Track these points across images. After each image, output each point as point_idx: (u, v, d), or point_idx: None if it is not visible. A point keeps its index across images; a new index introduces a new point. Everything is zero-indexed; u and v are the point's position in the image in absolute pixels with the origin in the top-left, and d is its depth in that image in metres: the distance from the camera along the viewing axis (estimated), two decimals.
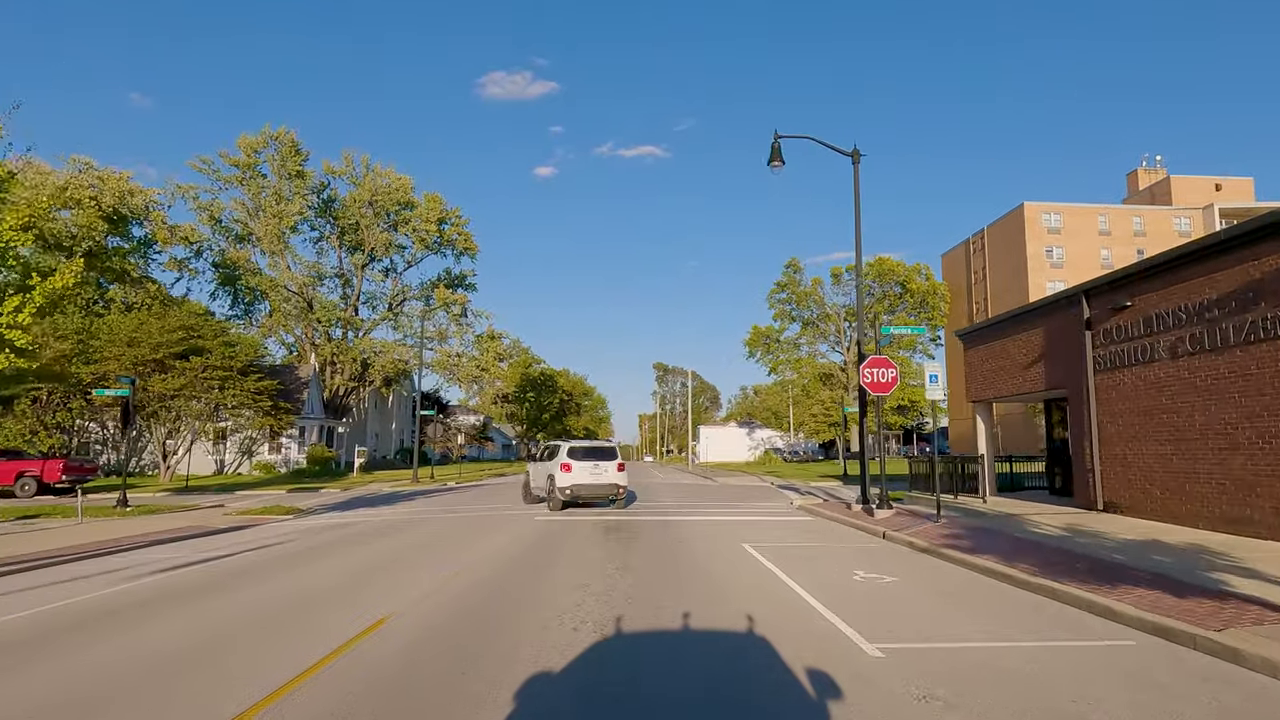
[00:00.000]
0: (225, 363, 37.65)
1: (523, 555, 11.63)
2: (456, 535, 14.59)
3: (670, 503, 22.20)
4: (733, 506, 20.96)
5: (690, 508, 20.38)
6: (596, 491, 18.60)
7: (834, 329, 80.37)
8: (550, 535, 14.27)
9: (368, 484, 34.49)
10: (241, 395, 37.58)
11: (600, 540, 13.30)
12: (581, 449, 18.95)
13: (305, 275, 56.43)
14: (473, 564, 10.84)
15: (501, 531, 15.00)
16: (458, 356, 63.05)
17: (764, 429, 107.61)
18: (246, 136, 53.93)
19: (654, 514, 18.44)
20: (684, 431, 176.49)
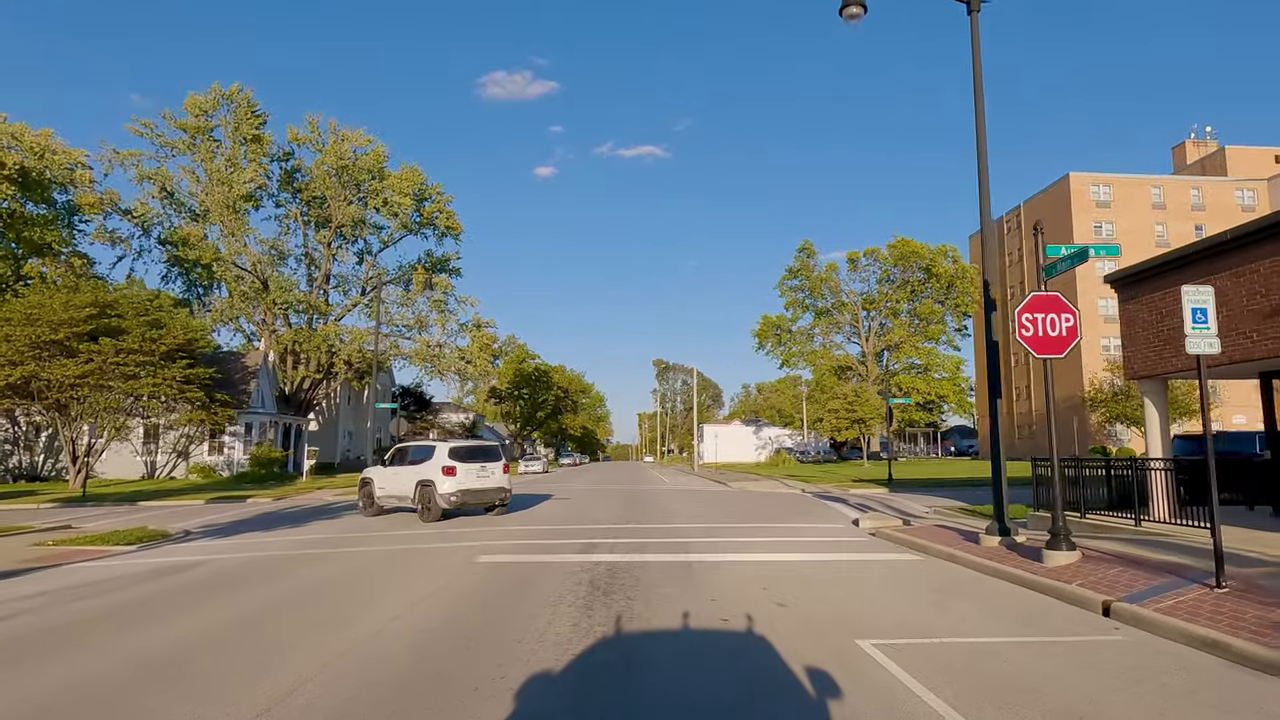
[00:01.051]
0: (145, 345, 31.40)
1: (421, 665, 5.40)
2: (342, 590, 8.39)
3: (684, 521, 16.06)
4: (774, 528, 14.79)
5: (715, 531, 14.19)
6: (484, 497, 16.95)
7: (850, 318, 74.24)
8: (495, 598, 8.06)
9: (312, 491, 28.32)
10: (163, 384, 31.33)
11: (582, 611, 7.14)
12: (466, 449, 17.27)
13: (263, 253, 50.19)
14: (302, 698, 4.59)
15: (417, 583, 8.81)
16: (439, 346, 56.82)
17: (771, 427, 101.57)
18: (195, 96, 47.66)
19: (664, 543, 12.26)
20: (685, 430, 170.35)
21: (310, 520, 17.23)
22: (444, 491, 16.13)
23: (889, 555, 11.14)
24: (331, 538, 13.86)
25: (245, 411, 38.51)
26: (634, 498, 23.91)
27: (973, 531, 12.83)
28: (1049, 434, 9.85)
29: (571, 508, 19.63)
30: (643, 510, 18.75)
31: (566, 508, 19.70)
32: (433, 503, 16.26)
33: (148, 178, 47.52)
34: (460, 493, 16.26)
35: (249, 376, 40.04)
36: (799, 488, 29.10)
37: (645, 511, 18.44)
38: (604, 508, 19.59)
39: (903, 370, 69.43)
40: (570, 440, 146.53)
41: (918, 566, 10.08)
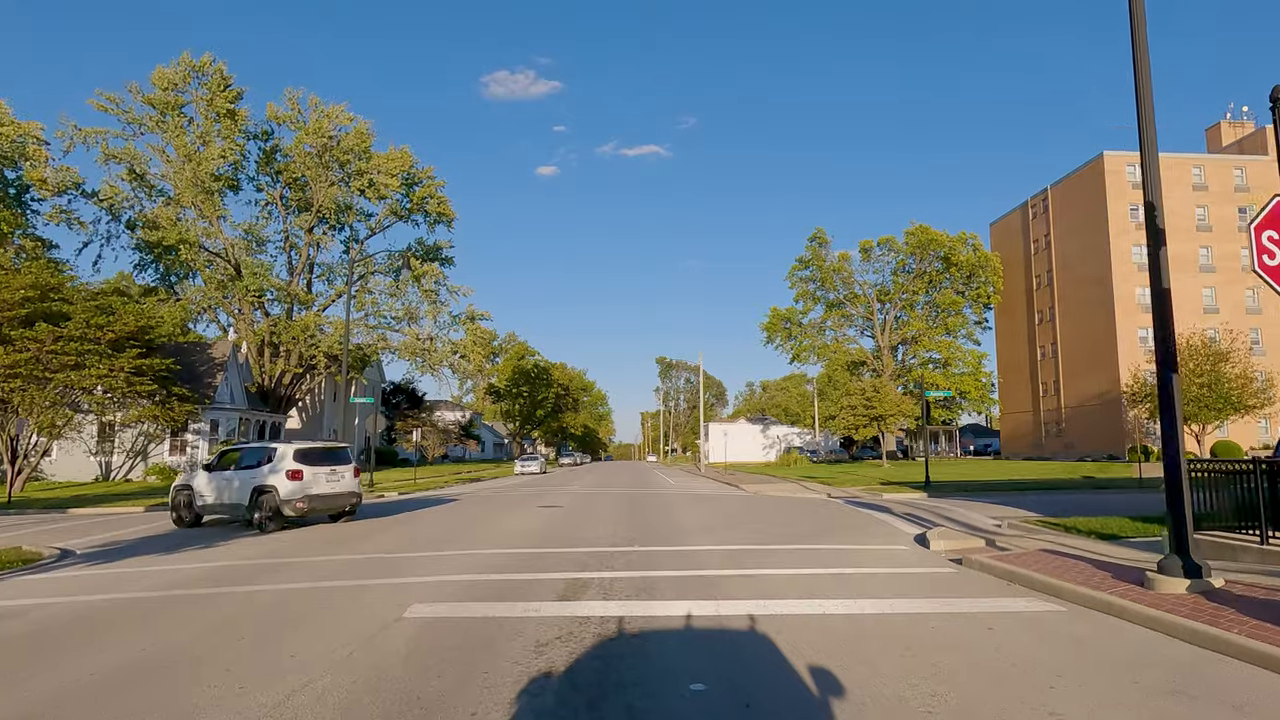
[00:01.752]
0: (90, 333, 28.01)
1: None
2: (170, 678, 4.86)
3: (701, 540, 12.59)
4: (820, 552, 11.30)
5: (744, 557, 10.70)
6: (334, 503, 15.58)
7: (863, 311, 70.66)
8: (408, 698, 4.53)
9: None
10: (110, 376, 27.91)
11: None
12: (315, 450, 15.76)
13: (239, 238, 46.77)
14: None
15: (301, 657, 5.30)
16: (429, 340, 53.39)
17: (779, 425, 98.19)
18: (164, 70, 44.24)
19: (680, 580, 8.78)
20: (689, 429, 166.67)
21: (232, 538, 13.76)
22: (289, 496, 14.41)
23: (1007, 602, 7.63)
24: (238, 565, 10.38)
25: (211, 407, 35.10)
26: (637, 505, 20.44)
27: (1104, 560, 9.33)
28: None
29: (563, 519, 16.16)
30: (647, 523, 15.25)
31: (557, 519, 16.23)
32: (273, 511, 14.45)
33: (114, 158, 44.12)
34: (307, 498, 14.64)
35: (216, 369, 36.63)
36: (823, 491, 25.61)
37: (650, 525, 14.94)
38: (601, 519, 16.12)
39: (920, 365, 65.92)
40: (571, 439, 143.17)
41: (1072, 627, 6.56)
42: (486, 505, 20.58)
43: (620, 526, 14.50)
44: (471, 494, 26.88)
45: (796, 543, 12.29)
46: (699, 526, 14.67)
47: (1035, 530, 13.30)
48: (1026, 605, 7.45)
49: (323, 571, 9.66)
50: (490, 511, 18.16)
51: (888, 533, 13.73)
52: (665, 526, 14.56)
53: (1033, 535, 12.83)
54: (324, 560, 10.61)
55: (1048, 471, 35.58)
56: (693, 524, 15.10)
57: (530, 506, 19.73)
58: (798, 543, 12.29)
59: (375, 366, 65.76)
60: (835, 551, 11.30)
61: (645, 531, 13.67)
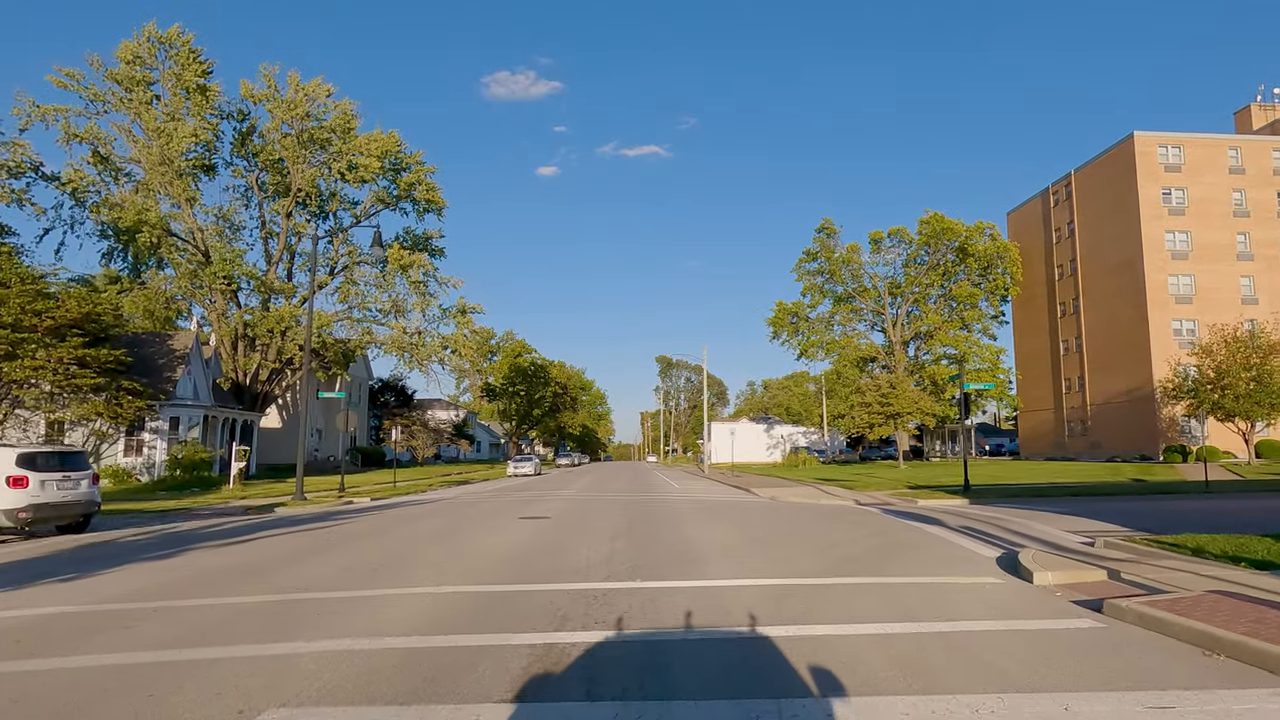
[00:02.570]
0: (25, 319, 24.95)
1: None
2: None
3: (724, 567, 9.58)
4: (886, 588, 8.26)
5: (792, 598, 7.62)
6: (66, 512, 14.01)
7: (873, 305, 67.59)
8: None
9: (228, 501, 21.90)
10: (45, 367, 24.85)
11: None
12: (41, 454, 13.95)
13: (212, 222, 43.72)
14: None
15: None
16: (417, 334, 50.31)
17: (783, 425, 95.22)
18: (128, 43, 41.14)
19: (702, 645, 5.73)
20: (690, 429, 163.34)
21: (124, 562, 10.70)
22: (10, 506, 12.90)
23: (1256, 703, 4.59)
24: (83, 614, 7.32)
25: (170, 403, 32.01)
26: (638, 515, 17.39)
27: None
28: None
29: (547, 537, 13.11)
30: (652, 542, 12.19)
31: (540, 536, 13.17)
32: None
33: (77, 137, 41.05)
34: (32, 508, 13.14)
35: (176, 362, 33.53)
36: (847, 497, 22.56)
37: (655, 545, 11.88)
38: (594, 536, 13.06)
39: (933, 361, 62.88)
40: (570, 439, 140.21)
41: None
42: (461, 515, 17.54)
43: (618, 547, 11.44)
44: (452, 500, 23.85)
45: (854, 574, 9.23)
46: (717, 547, 11.61)
47: (1150, 553, 10.24)
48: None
49: (178, 629, 6.59)
50: (462, 524, 15.11)
51: (960, 556, 10.69)
52: (674, 547, 11.50)
53: (1153, 561, 9.76)
54: (196, 607, 7.53)
55: (1086, 474, 32.56)
56: (709, 543, 12.04)
57: (511, 517, 16.66)
58: (856, 574, 9.23)
59: (362, 363, 62.73)
60: (913, 589, 8.27)
61: (649, 555, 10.62)
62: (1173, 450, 40.80)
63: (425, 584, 8.48)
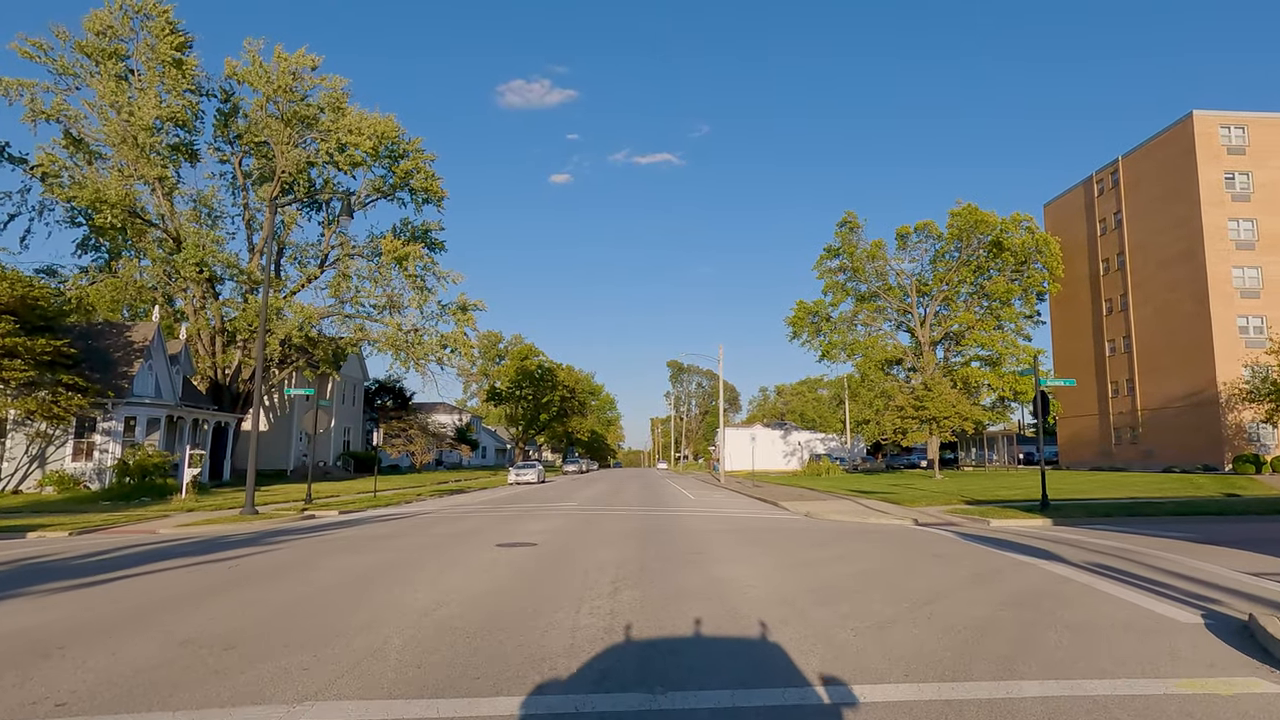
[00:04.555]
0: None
1: None
2: None
3: (786, 634, 5.92)
4: (1108, 706, 4.55)
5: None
6: None
7: (898, 304, 63.64)
8: None
9: (162, 518, 18.39)
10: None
11: None
12: None
13: (189, 208, 40.46)
14: None
15: None
16: (413, 332, 46.86)
17: (800, 430, 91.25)
18: (98, 13, 37.95)
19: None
20: (701, 435, 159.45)
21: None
22: None
23: None
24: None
25: (124, 401, 28.55)
26: (651, 541, 13.67)
27: None
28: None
29: (522, 579, 9.36)
30: (673, 594, 8.40)
31: (512, 577, 9.43)
32: None
33: (45, 115, 37.92)
34: None
35: (135, 356, 30.07)
36: (899, 514, 18.74)
37: (680, 602, 8.10)
38: (589, 578, 9.34)
39: (964, 362, 58.86)
40: (578, 445, 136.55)
41: None
42: (425, 539, 13.85)
43: (623, 604, 7.71)
44: (430, 515, 20.21)
45: (1010, 666, 5.47)
46: (769, 601, 7.84)
47: None
48: None
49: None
50: (416, 555, 11.40)
51: (1144, 623, 6.91)
52: (708, 604, 7.74)
53: None
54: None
55: (1158, 487, 28.51)
56: (755, 594, 8.27)
57: (487, 543, 12.93)
58: (1014, 666, 5.46)
59: (356, 363, 59.34)
60: (1136, 707, 4.54)
61: (672, 621, 6.89)
62: (1244, 460, 36.65)
63: (281, 693, 4.81)
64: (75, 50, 37.92)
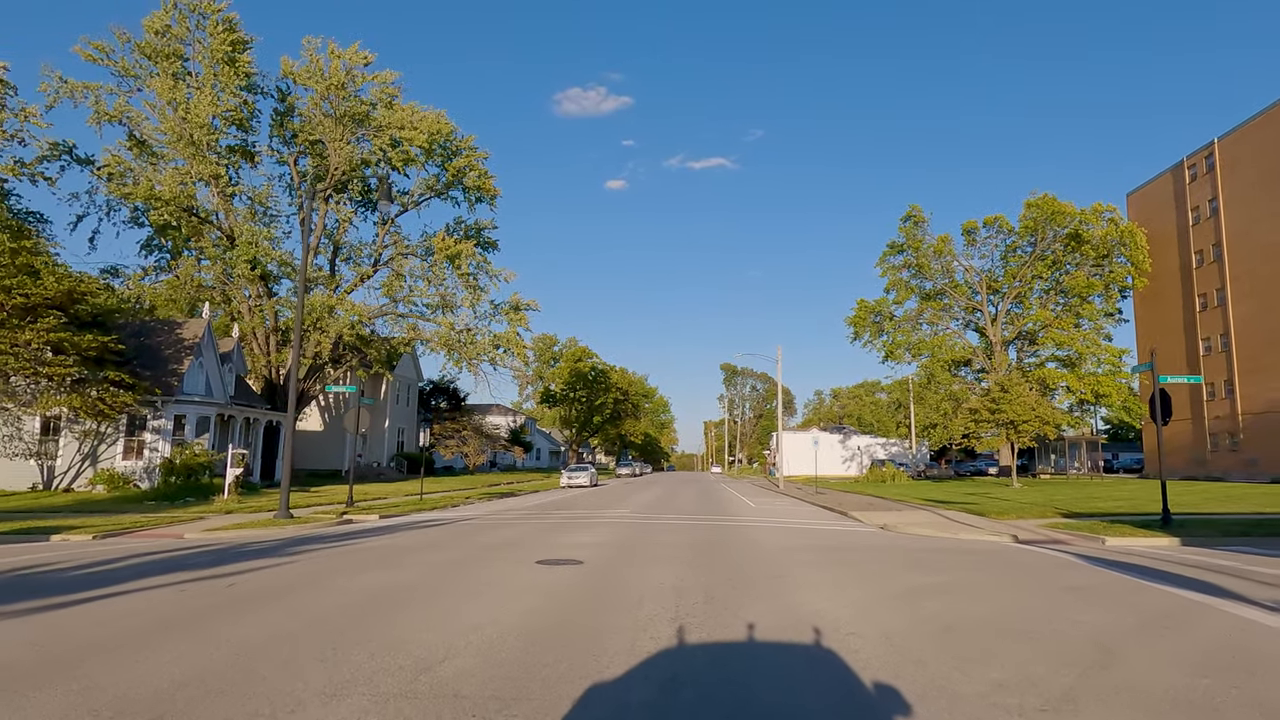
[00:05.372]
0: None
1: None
2: None
3: (923, 711, 4.22)
4: None
5: None
6: None
7: (965, 302, 60.43)
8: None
9: (197, 520, 17.51)
10: (7, 351, 21.01)
11: None
12: None
13: (246, 207, 40.43)
14: None
15: None
16: (466, 331, 46.08)
17: (860, 435, 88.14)
18: (156, 14, 38.13)
19: None
20: (755, 439, 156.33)
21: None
22: None
23: None
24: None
25: (173, 400, 28.16)
26: (714, 559, 11.98)
27: None
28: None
29: (559, 613, 7.72)
30: (756, 653, 6.71)
31: (547, 611, 7.79)
32: None
33: (109, 117, 38.25)
34: None
35: (185, 353, 29.71)
36: (989, 529, 16.59)
37: (762, 657, 6.44)
38: (641, 612, 7.68)
39: (1039, 363, 55.42)
40: (632, 448, 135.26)
41: None
42: (461, 552, 12.44)
43: (685, 665, 6.03)
44: (472, 521, 18.92)
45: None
46: (887, 658, 6.02)
47: None
48: None
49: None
50: (447, 576, 9.88)
51: None
52: (800, 662, 6.02)
53: None
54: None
55: (1274, 500, 25.51)
56: (863, 646, 6.43)
57: (526, 559, 11.37)
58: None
59: (410, 363, 59.04)
60: None
61: (754, 694, 5.21)
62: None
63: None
64: (135, 51, 38.19)
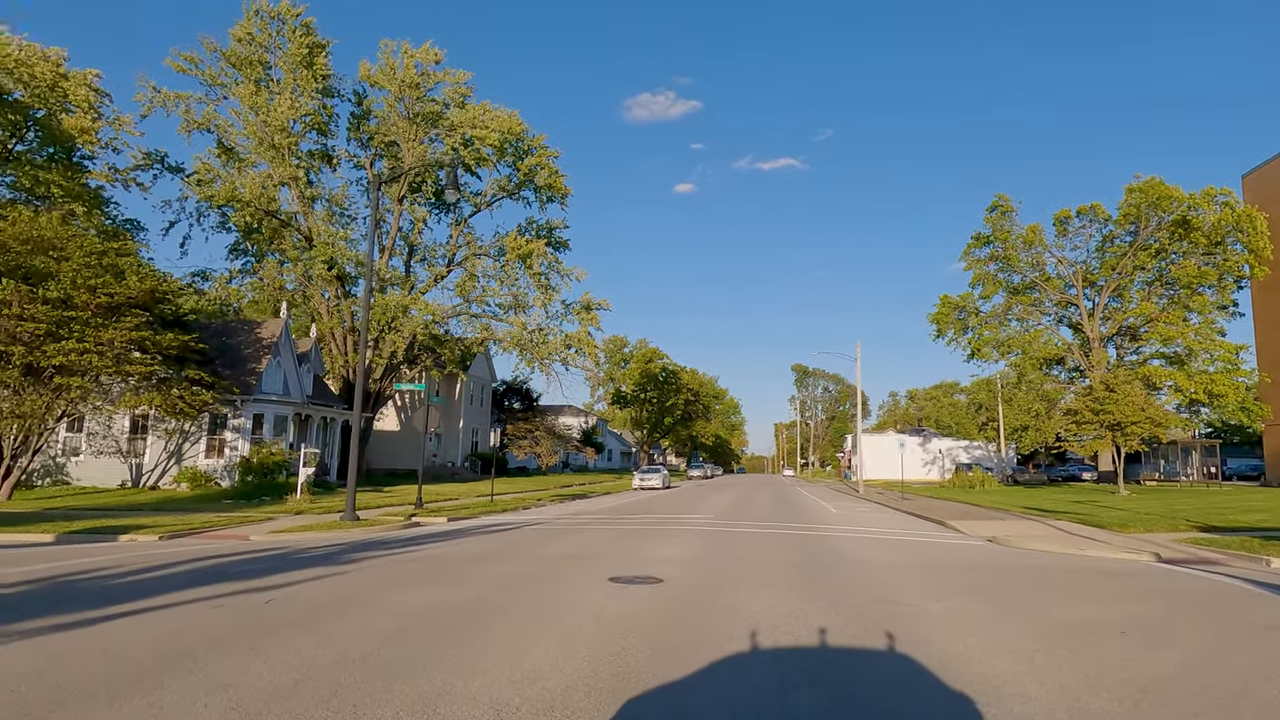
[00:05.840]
0: (77, 295, 21.71)
1: None
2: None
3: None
4: None
5: None
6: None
7: (1057, 296, 56.77)
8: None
9: (266, 520, 17.29)
10: (90, 351, 21.36)
11: None
12: None
13: (324, 210, 41.07)
14: None
15: None
16: (537, 331, 45.80)
17: (941, 438, 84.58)
18: (240, 23, 39.04)
19: None
20: (828, 441, 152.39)
21: None
22: None
23: None
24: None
25: (251, 398, 28.48)
26: (813, 582, 10.70)
27: None
28: None
29: (636, 653, 6.68)
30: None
31: (626, 646, 6.75)
32: None
33: (198, 125, 39.41)
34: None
35: (263, 352, 30.07)
36: (1118, 543, 14.71)
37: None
38: (735, 646, 6.59)
39: (1141, 360, 51.57)
40: (702, 449, 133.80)
41: None
42: (528, 562, 11.52)
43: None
44: (542, 526, 18.12)
45: None
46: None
47: None
48: None
49: None
50: (507, 596, 8.79)
51: None
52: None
53: None
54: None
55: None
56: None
57: (599, 575, 10.16)
58: None
59: (484, 364, 59.29)
60: None
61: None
62: None
63: None
64: (221, 60, 39.21)
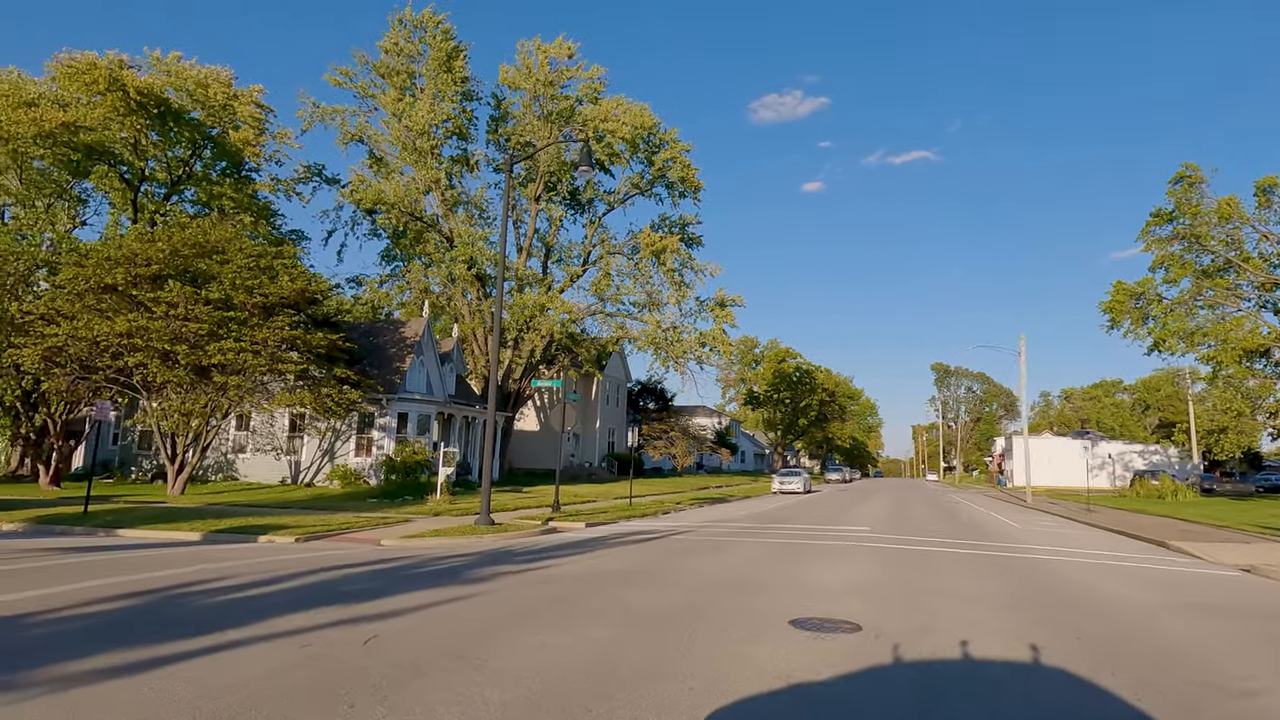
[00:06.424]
0: (236, 296, 22.45)
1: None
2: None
3: None
4: None
5: None
6: None
7: (1262, 277, 49.31)
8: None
9: (403, 523, 16.92)
10: (246, 349, 21.94)
11: None
12: None
13: (464, 212, 41.74)
14: None
15: None
16: (672, 329, 44.69)
17: (1110, 441, 76.72)
18: (388, 35, 40.27)
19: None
20: (972, 444, 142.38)
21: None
22: None
23: None
24: None
25: (396, 398, 28.83)
26: (1066, 632, 8.57)
27: None
28: None
29: None
30: None
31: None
32: None
33: (353, 137, 41.11)
34: None
35: (406, 352, 30.45)
36: None
37: None
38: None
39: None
40: (838, 452, 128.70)
41: None
42: (673, 592, 9.82)
43: None
44: (688, 534, 16.68)
45: None
46: None
47: None
48: None
49: None
50: (654, 647, 6.92)
51: None
52: None
53: None
54: None
55: None
56: None
57: (770, 624, 7.85)
58: None
59: (619, 363, 58.80)
60: None
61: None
62: None
63: None
64: (372, 71, 40.65)
